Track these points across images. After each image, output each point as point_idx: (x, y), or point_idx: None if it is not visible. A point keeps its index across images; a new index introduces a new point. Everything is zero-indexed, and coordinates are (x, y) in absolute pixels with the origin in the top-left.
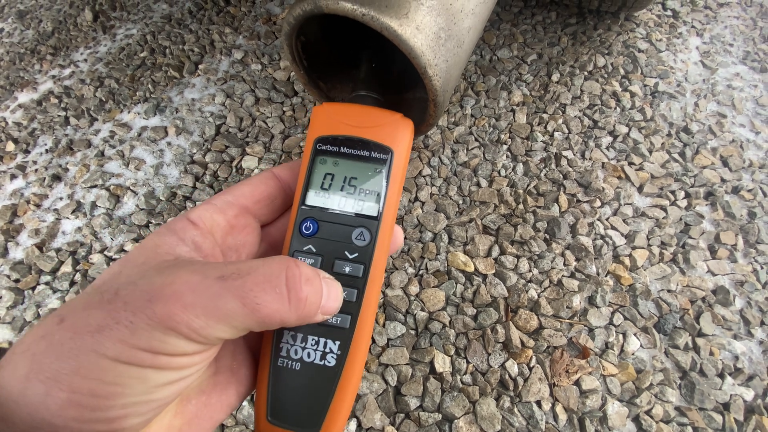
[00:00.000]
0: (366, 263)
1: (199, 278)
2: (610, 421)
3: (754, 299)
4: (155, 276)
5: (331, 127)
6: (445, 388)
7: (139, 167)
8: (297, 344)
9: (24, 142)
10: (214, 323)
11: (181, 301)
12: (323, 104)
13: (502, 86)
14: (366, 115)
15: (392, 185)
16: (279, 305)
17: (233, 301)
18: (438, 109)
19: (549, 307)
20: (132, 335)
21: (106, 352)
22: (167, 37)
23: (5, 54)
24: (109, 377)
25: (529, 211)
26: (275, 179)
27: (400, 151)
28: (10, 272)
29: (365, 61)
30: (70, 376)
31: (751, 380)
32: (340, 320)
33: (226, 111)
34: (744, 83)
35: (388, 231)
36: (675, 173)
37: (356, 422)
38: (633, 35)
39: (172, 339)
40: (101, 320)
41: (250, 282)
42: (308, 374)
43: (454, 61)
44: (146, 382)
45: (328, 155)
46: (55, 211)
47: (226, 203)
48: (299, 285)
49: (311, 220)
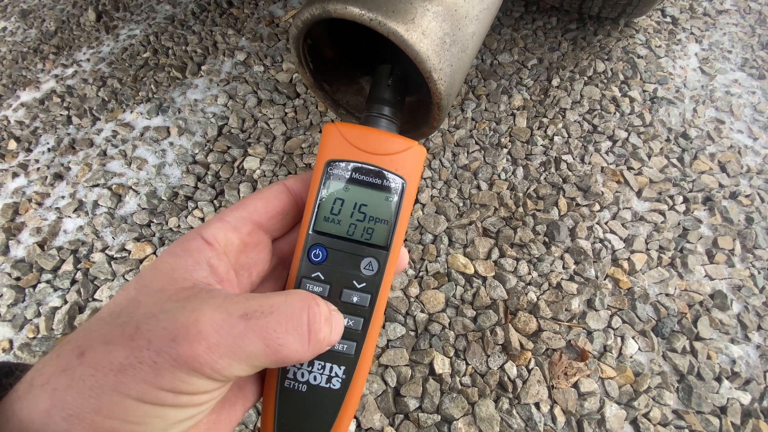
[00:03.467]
0: (373, 293)
1: (223, 317)
2: (608, 423)
3: (751, 304)
4: (177, 311)
5: (343, 151)
6: (444, 389)
7: (141, 167)
8: (304, 368)
9: (26, 140)
10: (236, 363)
11: (207, 342)
12: (336, 124)
13: (502, 90)
14: (380, 141)
15: (402, 215)
16: (299, 346)
17: (257, 343)
18: (441, 112)
19: (548, 309)
20: (156, 376)
21: (129, 392)
22: (170, 38)
23: (8, 53)
24: (131, 417)
25: (529, 215)
26: (288, 193)
27: (413, 181)
28: (11, 270)
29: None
30: (93, 415)
31: (748, 384)
32: (346, 347)
33: (228, 112)
34: (742, 90)
35: (395, 260)
36: (673, 178)
37: (355, 423)
38: (632, 41)
39: (193, 379)
40: (124, 359)
41: (273, 322)
42: (314, 396)
43: (458, 66)
44: (166, 419)
45: (339, 180)
46: (56, 210)
47: (240, 220)
48: (320, 326)
49: (320, 248)
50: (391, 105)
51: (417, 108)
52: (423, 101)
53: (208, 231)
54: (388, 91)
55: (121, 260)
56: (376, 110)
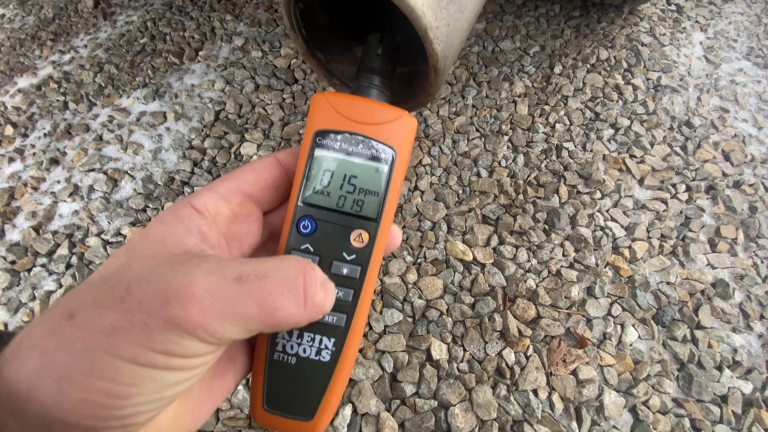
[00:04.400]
0: (363, 265)
1: (217, 279)
2: (607, 410)
3: (753, 293)
4: (169, 274)
5: (332, 121)
6: (441, 375)
7: (138, 152)
8: (293, 340)
9: (23, 126)
10: (229, 325)
11: (200, 304)
12: (324, 93)
13: (504, 77)
14: (370, 111)
15: (393, 186)
16: (295, 309)
17: (252, 306)
18: (439, 76)
19: (547, 297)
20: (148, 338)
21: (121, 354)
22: (168, 24)
23: (6, 39)
24: (124, 378)
25: (529, 202)
26: (279, 166)
27: (403, 152)
28: (6, 254)
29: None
30: (84, 377)
31: (750, 373)
32: (336, 319)
33: (225, 97)
34: (747, 79)
35: (385, 232)
36: (676, 166)
37: (351, 407)
38: (636, 29)
39: (186, 341)
40: (115, 321)
41: (268, 286)
42: (303, 368)
43: (455, 27)
44: (159, 382)
45: (328, 150)
46: (52, 194)
47: (230, 190)
48: (315, 289)
49: (309, 219)
50: (381, 75)
51: (414, 77)
52: (419, 70)
53: (198, 199)
54: (378, 60)
55: (116, 245)
56: (366, 80)
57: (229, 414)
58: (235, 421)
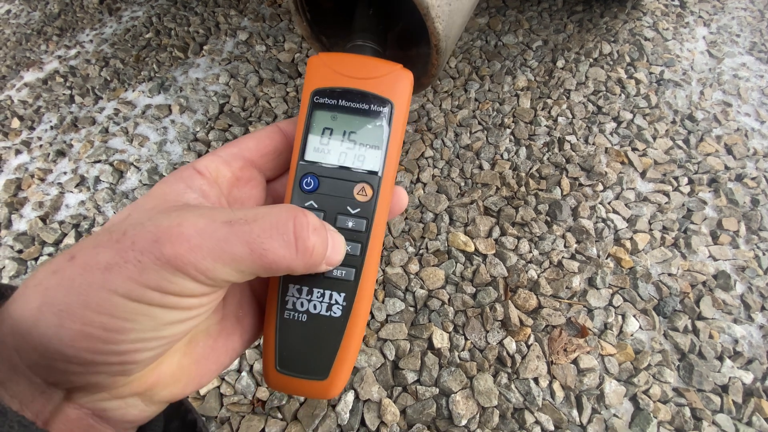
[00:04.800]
0: (368, 218)
1: (207, 221)
2: (607, 399)
3: (755, 284)
4: (163, 218)
5: (328, 79)
6: (442, 363)
7: (143, 144)
8: (303, 297)
9: (29, 119)
10: (221, 266)
11: (189, 242)
12: (319, 54)
13: (506, 71)
14: (364, 66)
15: (393, 139)
16: (286, 252)
17: (240, 246)
18: (440, 56)
19: (548, 287)
20: (141, 274)
21: (117, 289)
22: (173, 19)
23: (12, 35)
24: (120, 313)
25: (531, 194)
26: (281, 133)
27: (400, 104)
28: (14, 243)
29: (361, 7)
30: (82, 310)
31: (751, 364)
32: (345, 273)
33: (229, 91)
34: (750, 73)
35: (389, 185)
36: (679, 160)
37: (354, 394)
38: (640, 24)
39: (179, 279)
40: (110, 258)
41: (257, 228)
42: (315, 325)
43: (457, 6)
44: (155, 319)
45: (326, 108)
46: (59, 185)
47: (231, 155)
48: (307, 233)
49: (311, 176)
50: (374, 33)
51: (417, 60)
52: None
53: (200, 162)
54: (371, 20)
55: None
56: (360, 39)
57: (233, 399)
58: (238, 406)
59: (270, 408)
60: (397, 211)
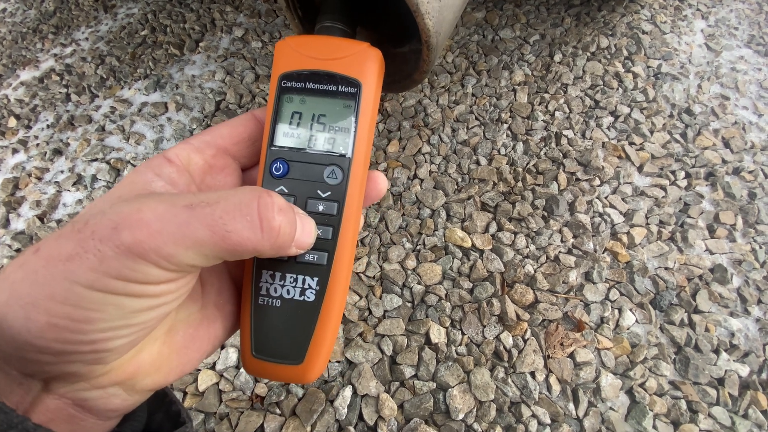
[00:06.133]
0: (340, 201)
1: (167, 206)
2: (604, 392)
3: (751, 278)
4: (123, 205)
5: (295, 62)
6: (440, 358)
7: (140, 142)
8: (276, 282)
9: (26, 118)
10: (183, 250)
11: (149, 228)
12: (286, 39)
13: (503, 66)
14: (331, 47)
15: (362, 120)
16: (250, 233)
17: (202, 229)
18: (431, 52)
19: (545, 281)
20: (101, 263)
21: (78, 280)
22: (168, 15)
23: (8, 33)
24: (84, 303)
25: (528, 189)
26: (255, 120)
27: (369, 83)
28: (12, 242)
29: None
30: (47, 301)
31: (747, 357)
32: (317, 257)
33: (226, 87)
34: (748, 66)
35: (361, 169)
36: (676, 153)
37: (352, 389)
38: (637, 17)
39: (141, 267)
40: (71, 249)
41: (219, 210)
42: (289, 310)
43: (447, 2)
44: (122, 307)
45: (294, 92)
46: (56, 184)
47: (204, 143)
48: (272, 214)
49: (281, 161)
50: (342, 15)
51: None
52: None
53: (170, 151)
54: (339, 1)
55: None
56: (328, 20)
57: (231, 395)
58: (237, 402)
59: (269, 404)
60: (375, 196)
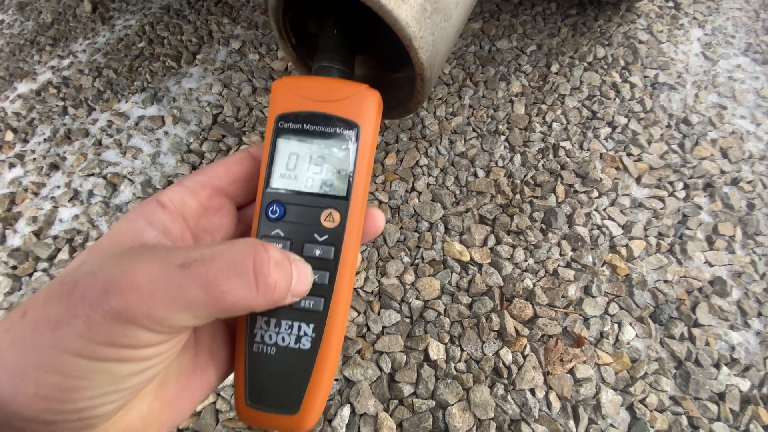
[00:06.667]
0: (337, 245)
1: (159, 267)
2: (604, 409)
3: (751, 290)
4: (114, 265)
5: (293, 103)
6: (439, 375)
7: (136, 156)
8: (271, 329)
9: (23, 131)
10: (176, 313)
11: (139, 292)
12: (283, 79)
13: (500, 77)
14: (329, 88)
15: (360, 162)
16: (246, 292)
17: (196, 290)
18: (425, 84)
19: (544, 296)
20: (89, 330)
21: (66, 348)
22: (165, 27)
23: (5, 45)
24: (73, 372)
25: (526, 202)
26: (251, 159)
27: (367, 126)
28: (8, 259)
29: (327, 27)
30: (34, 371)
31: (748, 371)
32: (313, 303)
33: (223, 100)
34: (745, 75)
35: (358, 211)
36: (674, 164)
37: (350, 408)
38: (634, 26)
39: (132, 332)
40: (60, 315)
41: (213, 269)
42: (284, 358)
43: (441, 35)
44: (111, 374)
45: (291, 133)
46: (52, 199)
47: (199, 184)
48: (268, 269)
49: (277, 204)
50: (339, 54)
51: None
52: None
53: (164, 194)
54: (335, 40)
55: None
56: (326, 60)
57: (228, 416)
58: (234, 422)
59: None
60: (373, 234)
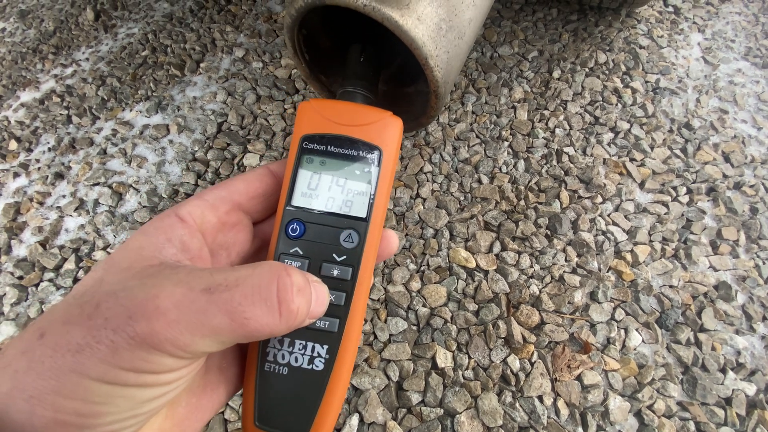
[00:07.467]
0: (354, 266)
1: (184, 291)
2: (612, 415)
3: (756, 294)
4: (137, 288)
5: (318, 125)
6: (446, 383)
7: (141, 165)
8: (284, 349)
9: (27, 140)
10: (199, 339)
11: (165, 317)
12: (310, 101)
13: (503, 83)
14: (354, 113)
15: (381, 186)
16: (269, 318)
17: (220, 316)
18: (439, 100)
19: (550, 302)
20: (113, 355)
21: (88, 373)
22: (169, 35)
23: (7, 53)
24: (93, 397)
25: (531, 208)
26: (271, 175)
27: (389, 151)
28: (14, 269)
29: (353, 53)
30: (53, 396)
31: (753, 375)
32: (329, 324)
33: (227, 109)
34: (746, 79)
35: (376, 232)
36: (677, 169)
37: (358, 417)
38: (634, 32)
39: (156, 357)
40: (81, 339)
41: (238, 295)
42: (296, 378)
43: (455, 53)
44: (132, 399)
45: (315, 154)
46: (58, 209)
47: (219, 198)
48: (291, 296)
49: (297, 222)
50: (364, 80)
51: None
52: (421, 91)
53: (183, 208)
54: (361, 67)
55: None
56: (351, 86)
57: (237, 425)
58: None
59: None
60: (387, 255)
